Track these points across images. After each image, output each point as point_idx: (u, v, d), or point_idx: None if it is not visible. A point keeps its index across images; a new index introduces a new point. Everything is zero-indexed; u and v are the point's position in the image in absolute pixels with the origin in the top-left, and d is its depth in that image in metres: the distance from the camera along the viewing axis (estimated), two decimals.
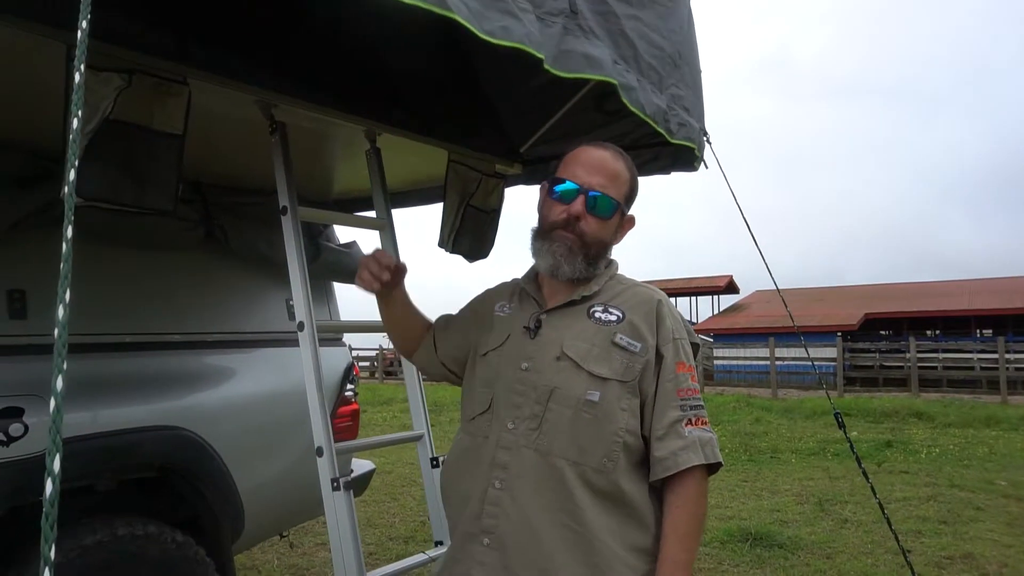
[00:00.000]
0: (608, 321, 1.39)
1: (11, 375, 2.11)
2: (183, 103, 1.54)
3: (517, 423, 1.34)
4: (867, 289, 26.26)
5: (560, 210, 1.39)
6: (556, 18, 1.54)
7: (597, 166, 1.40)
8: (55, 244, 2.44)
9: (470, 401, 1.45)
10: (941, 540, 4.79)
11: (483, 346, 1.47)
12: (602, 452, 1.31)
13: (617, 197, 1.40)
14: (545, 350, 1.36)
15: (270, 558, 4.35)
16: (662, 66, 2.00)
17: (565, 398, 1.32)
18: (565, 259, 1.37)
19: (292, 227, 1.85)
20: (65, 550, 2.06)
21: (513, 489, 1.30)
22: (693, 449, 1.32)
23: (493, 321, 1.49)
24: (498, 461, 1.33)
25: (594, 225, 1.38)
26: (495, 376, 1.40)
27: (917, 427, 10.37)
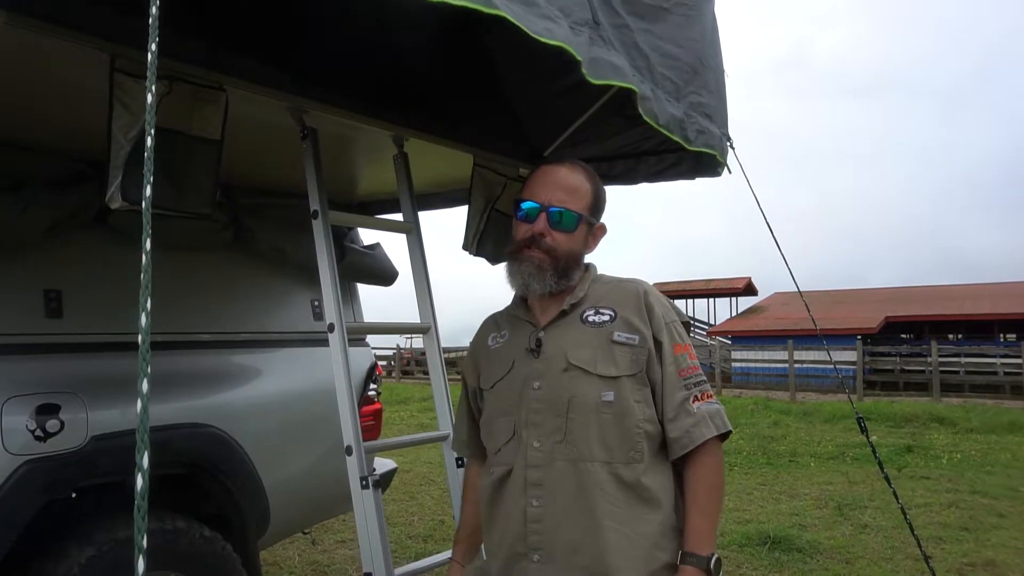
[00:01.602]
0: (602, 322, 1.43)
1: (48, 373, 2.17)
2: (220, 109, 1.59)
3: (542, 440, 1.38)
4: (888, 292, 25.96)
5: (525, 229, 1.45)
6: (583, 28, 1.59)
7: (555, 182, 1.45)
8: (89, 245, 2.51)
9: (492, 434, 1.49)
10: (963, 547, 4.74)
11: (488, 380, 1.51)
12: (628, 446, 1.36)
13: (579, 209, 1.45)
14: (552, 365, 1.41)
15: (291, 555, 4.41)
16: (679, 75, 2.03)
17: (583, 405, 1.37)
18: (533, 277, 1.42)
19: (323, 231, 1.89)
20: (98, 543, 2.12)
21: (552, 503, 1.35)
22: (704, 424, 1.39)
23: (490, 356, 1.54)
24: (531, 480, 1.37)
25: (560, 239, 1.43)
26: (511, 403, 1.44)
27: (938, 432, 10.25)
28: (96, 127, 1.56)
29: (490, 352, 1.55)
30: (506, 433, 1.44)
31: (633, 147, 2.69)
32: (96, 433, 2.16)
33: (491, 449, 1.49)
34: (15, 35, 1.35)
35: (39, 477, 2.03)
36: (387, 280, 3.36)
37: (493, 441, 1.48)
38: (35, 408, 2.06)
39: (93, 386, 2.21)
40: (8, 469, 1.98)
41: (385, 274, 3.34)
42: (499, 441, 1.45)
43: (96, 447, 2.16)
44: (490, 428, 1.50)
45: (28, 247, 2.22)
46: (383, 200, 3.28)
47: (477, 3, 1.20)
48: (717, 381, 19.14)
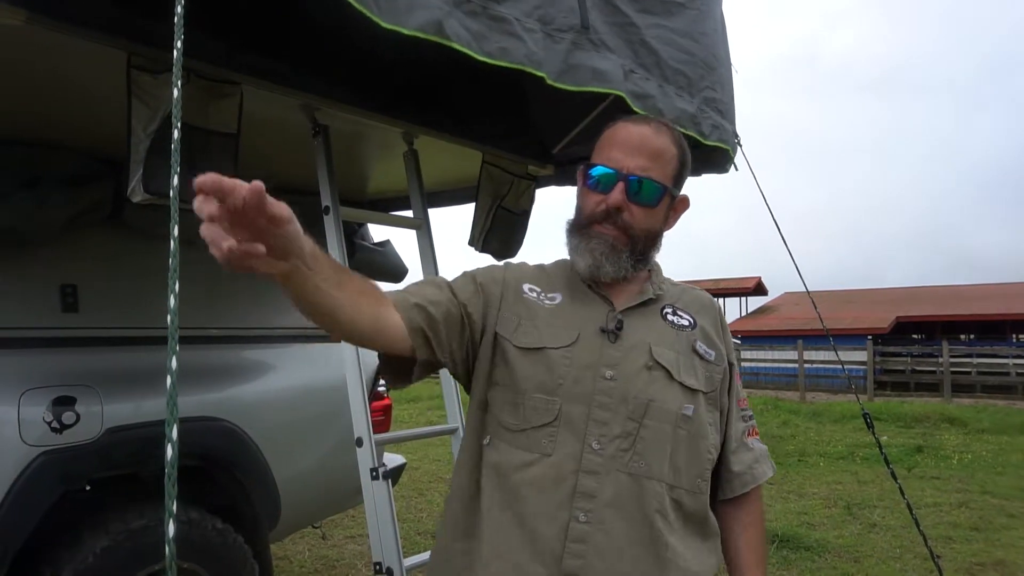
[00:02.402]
0: (682, 326, 1.25)
1: (64, 366, 2.20)
2: (236, 103, 1.61)
3: (604, 443, 1.12)
4: (899, 292, 25.80)
5: (597, 200, 1.20)
6: (565, 34, 1.60)
7: (637, 145, 1.20)
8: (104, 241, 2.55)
9: (516, 407, 1.16)
10: (972, 547, 4.72)
11: (528, 338, 1.19)
12: (696, 472, 1.18)
13: (663, 179, 1.20)
14: (631, 357, 1.17)
15: (301, 549, 4.45)
16: (693, 70, 2.03)
17: (663, 413, 1.15)
18: (607, 257, 1.19)
19: (334, 226, 1.91)
20: (113, 533, 2.16)
21: (604, 522, 1.09)
22: (763, 461, 1.29)
23: (530, 309, 1.23)
24: (582, 489, 1.10)
25: (639, 215, 1.19)
26: (565, 384, 1.15)
27: (949, 433, 10.19)
28: (112, 124, 1.60)
29: (529, 304, 1.23)
30: (544, 415, 1.14)
31: None
32: (111, 425, 2.20)
33: (508, 424, 1.16)
34: (33, 34, 1.38)
35: (55, 468, 2.07)
36: (397, 277, 3.39)
37: (516, 416, 1.16)
38: (52, 400, 2.10)
39: (108, 379, 2.25)
40: (25, 460, 2.01)
41: (395, 271, 3.37)
42: (529, 420, 1.14)
43: (111, 439, 2.19)
44: (516, 399, 1.16)
45: (45, 243, 2.25)
46: (393, 198, 3.31)
47: (428, 33, 1.24)
48: None
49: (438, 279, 1.26)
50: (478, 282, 1.24)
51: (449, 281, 1.25)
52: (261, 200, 0.74)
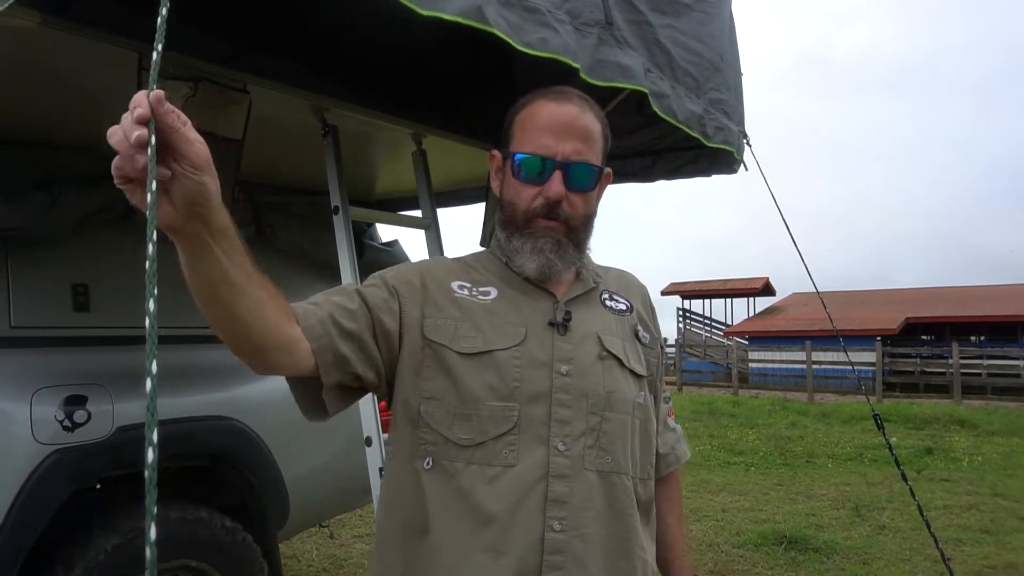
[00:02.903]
0: (621, 311, 1.20)
1: (76, 365, 2.22)
2: (244, 110, 1.63)
3: (569, 443, 1.05)
4: (909, 293, 25.66)
5: (533, 193, 1.10)
6: (592, 29, 1.60)
7: (566, 128, 1.09)
8: (116, 241, 2.57)
9: (465, 418, 1.04)
10: (983, 549, 4.70)
11: (471, 342, 1.07)
12: (647, 459, 1.16)
13: (596, 160, 1.12)
14: (584, 348, 1.10)
15: (309, 548, 4.47)
16: (700, 71, 2.03)
17: (622, 403, 1.11)
18: (556, 254, 1.11)
19: (344, 226, 1.92)
20: (123, 531, 2.17)
21: (580, 527, 1.03)
22: (682, 441, 1.31)
23: (466, 308, 1.11)
24: (554, 496, 1.02)
25: (578, 203, 1.11)
26: (518, 385, 1.05)
27: (959, 435, 10.13)
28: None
29: (462, 304, 1.11)
30: (502, 424, 1.04)
31: (650, 144, 2.71)
32: (121, 424, 2.21)
33: (462, 439, 1.04)
34: (47, 35, 1.39)
35: (67, 466, 2.08)
36: None
37: (470, 429, 1.04)
38: (63, 399, 2.11)
39: (119, 378, 2.26)
40: (37, 458, 2.03)
41: None
42: (486, 432, 1.03)
43: (121, 438, 2.21)
44: (466, 410, 1.05)
45: (57, 242, 2.27)
46: (401, 198, 3.32)
47: (470, 19, 1.22)
48: (734, 382, 19.04)
49: (347, 287, 1.12)
50: (390, 286, 1.11)
51: (359, 287, 1.11)
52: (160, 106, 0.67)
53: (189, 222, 0.77)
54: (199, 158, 0.73)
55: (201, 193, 0.75)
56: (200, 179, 0.74)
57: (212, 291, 0.85)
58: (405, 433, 1.09)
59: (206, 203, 0.76)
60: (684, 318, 27.09)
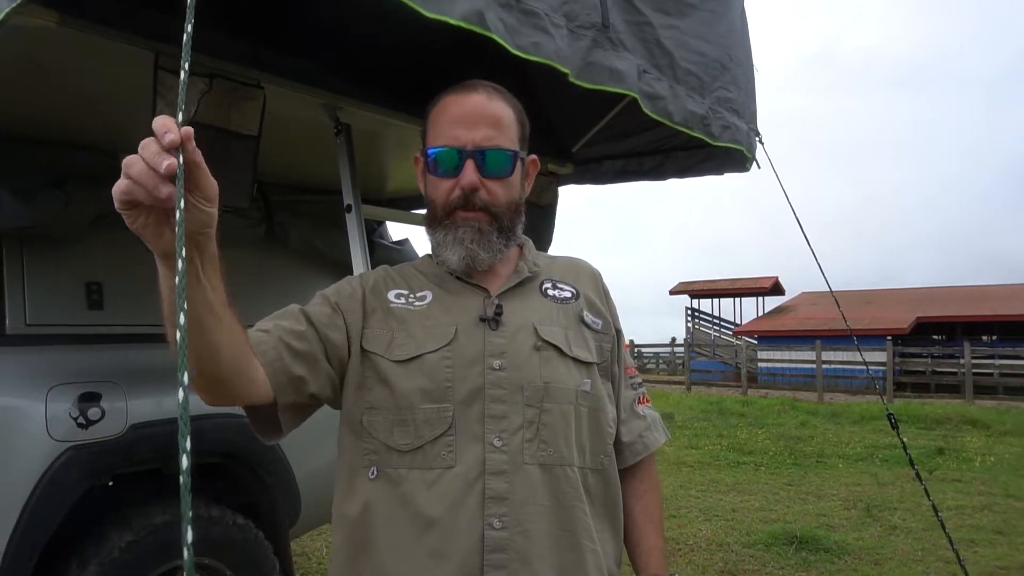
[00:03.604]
0: (565, 298, 1.19)
1: (90, 362, 2.24)
2: (258, 106, 1.63)
3: (506, 438, 1.04)
4: (919, 292, 25.51)
5: (450, 186, 1.10)
6: (587, 31, 1.61)
7: (474, 115, 1.11)
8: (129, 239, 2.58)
9: (402, 424, 1.05)
10: (996, 550, 4.66)
11: (404, 350, 1.08)
12: (600, 448, 1.13)
13: (510, 146, 1.12)
14: (518, 341, 1.09)
15: (319, 546, 4.48)
16: (705, 71, 2.03)
17: (561, 393, 1.09)
18: (478, 244, 1.10)
19: (356, 225, 1.93)
20: (136, 529, 2.19)
21: (522, 523, 1.01)
22: (655, 428, 1.25)
23: (399, 317, 1.12)
24: (492, 493, 1.01)
25: (496, 190, 1.11)
26: (450, 385, 1.05)
27: (971, 435, 10.07)
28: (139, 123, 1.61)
29: (399, 314, 1.12)
30: (437, 426, 1.04)
31: (661, 143, 2.70)
32: (135, 422, 2.23)
33: (401, 445, 1.05)
34: (64, 35, 1.40)
35: (81, 463, 2.10)
36: None
37: (407, 435, 1.04)
38: (78, 396, 2.13)
39: (132, 376, 2.28)
40: (52, 455, 2.05)
41: None
42: (422, 436, 1.04)
43: (135, 435, 2.22)
44: (402, 416, 1.05)
45: (71, 241, 2.29)
46: (413, 196, 3.32)
47: (471, 23, 1.26)
48: (743, 381, 18.98)
49: (292, 309, 1.12)
50: (332, 302, 1.13)
51: (304, 308, 1.12)
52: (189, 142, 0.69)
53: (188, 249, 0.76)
54: (212, 191, 0.76)
55: (207, 223, 0.77)
56: (210, 210, 0.77)
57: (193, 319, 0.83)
58: (348, 445, 1.10)
59: (208, 232, 0.78)
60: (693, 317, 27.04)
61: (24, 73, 1.71)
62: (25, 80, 1.77)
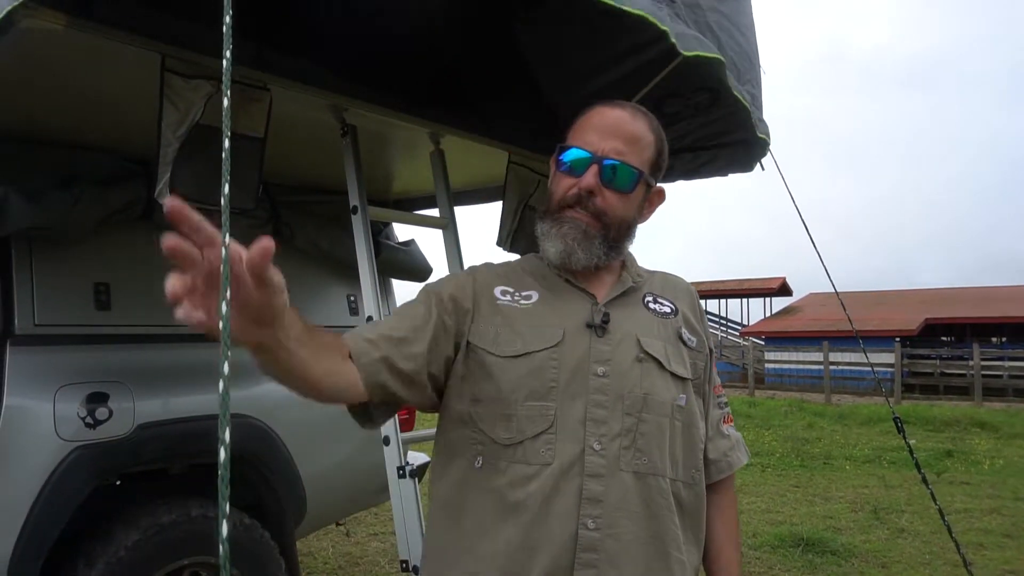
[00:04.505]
0: (665, 313, 1.22)
1: (97, 363, 2.25)
2: (264, 108, 1.64)
3: (605, 442, 1.07)
4: (928, 293, 25.36)
5: (569, 184, 1.16)
6: (662, 3, 1.57)
7: (612, 128, 1.16)
8: (136, 240, 2.59)
9: (506, 419, 1.09)
10: (1005, 553, 4.63)
11: (510, 346, 1.12)
12: (691, 463, 1.16)
13: (639, 165, 1.16)
14: (622, 350, 1.13)
15: (325, 546, 4.49)
16: (741, 61, 2.00)
17: (659, 405, 1.12)
18: (579, 243, 1.14)
19: (362, 226, 1.93)
20: (143, 527, 2.20)
21: (614, 527, 1.05)
22: (738, 448, 1.29)
23: (506, 314, 1.16)
24: (588, 494, 1.04)
25: (613, 200, 1.15)
26: (554, 385, 1.09)
27: (980, 437, 10.00)
28: (146, 125, 1.62)
29: (504, 311, 1.16)
30: (539, 423, 1.08)
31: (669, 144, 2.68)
32: (142, 422, 2.24)
33: (503, 439, 1.09)
34: (72, 37, 1.41)
35: (89, 463, 2.12)
36: (421, 276, 3.41)
37: (509, 429, 1.08)
38: (85, 396, 2.14)
39: (139, 376, 2.29)
40: (60, 454, 2.06)
41: (419, 270, 3.39)
42: (524, 431, 1.08)
43: (142, 435, 2.24)
44: (504, 411, 1.09)
45: (79, 242, 2.30)
46: (419, 197, 3.33)
47: None
48: (750, 382, 18.92)
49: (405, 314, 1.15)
50: (444, 297, 1.16)
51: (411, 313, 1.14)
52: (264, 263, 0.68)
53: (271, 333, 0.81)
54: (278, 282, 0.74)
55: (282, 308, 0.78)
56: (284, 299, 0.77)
57: (286, 378, 0.92)
58: (457, 432, 1.13)
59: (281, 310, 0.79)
60: None
61: (32, 75, 1.71)
62: (33, 82, 1.77)
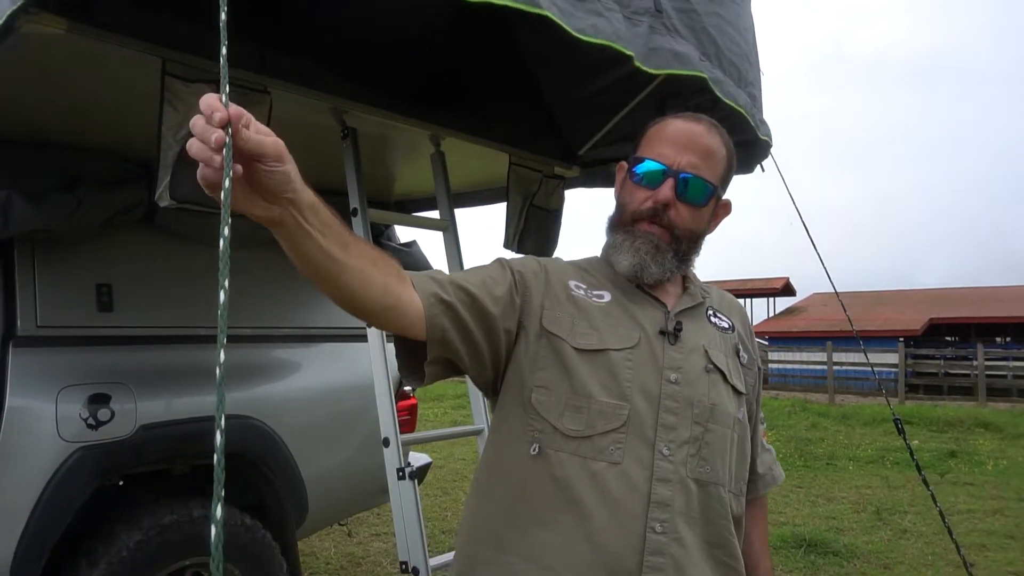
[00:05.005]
0: (724, 328, 1.24)
1: (99, 364, 2.26)
2: (265, 111, 1.64)
3: (673, 448, 1.08)
4: (933, 293, 25.29)
5: (644, 197, 1.16)
6: (642, 17, 1.58)
7: (688, 142, 1.15)
8: (138, 242, 2.60)
9: (576, 410, 1.08)
10: (1007, 555, 4.62)
11: (585, 338, 1.12)
12: (741, 476, 1.18)
13: (712, 179, 1.16)
14: (692, 360, 1.14)
15: (327, 546, 4.50)
16: (741, 63, 2.00)
17: (724, 416, 1.13)
18: (652, 257, 1.14)
19: (362, 228, 1.93)
20: (145, 528, 2.21)
21: (679, 532, 1.05)
22: (776, 463, 1.35)
23: (582, 307, 1.16)
24: (657, 498, 1.05)
25: (686, 214, 1.15)
26: (630, 385, 1.09)
27: (984, 437, 9.97)
28: (147, 128, 1.63)
29: (579, 303, 1.16)
30: (612, 420, 1.07)
31: None
32: (144, 423, 2.25)
33: (570, 430, 1.08)
34: (73, 42, 1.42)
35: (91, 463, 2.12)
36: None
37: (579, 421, 1.08)
38: (88, 398, 2.15)
39: (141, 377, 2.30)
40: (63, 456, 2.07)
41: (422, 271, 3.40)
42: (594, 426, 1.07)
43: (144, 436, 2.25)
44: (578, 403, 1.09)
45: (81, 243, 2.31)
46: (419, 199, 3.33)
47: (521, 3, 1.22)
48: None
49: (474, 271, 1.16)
50: (515, 272, 1.16)
51: (485, 273, 1.14)
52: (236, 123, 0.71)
53: (284, 210, 0.80)
54: (276, 150, 0.76)
55: (285, 181, 0.78)
56: (283, 169, 0.77)
57: (316, 268, 0.89)
58: (515, 417, 1.12)
59: (292, 187, 0.79)
60: None
61: (33, 78, 1.72)
62: (35, 85, 1.78)
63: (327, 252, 0.87)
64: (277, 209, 0.80)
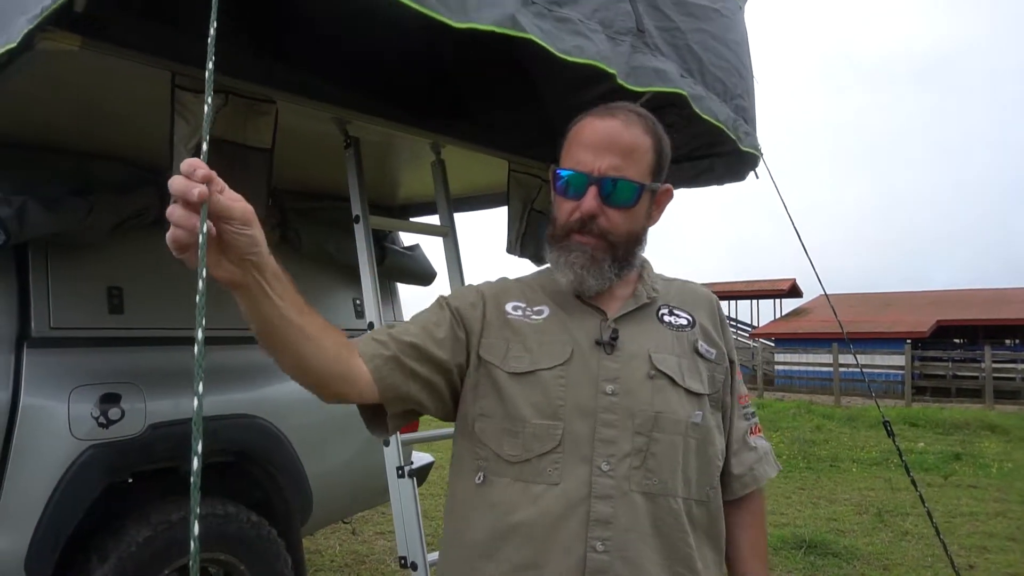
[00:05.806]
0: (681, 326, 1.18)
1: (111, 364, 2.32)
2: (271, 121, 1.70)
3: (614, 463, 1.05)
4: (940, 295, 25.18)
5: (571, 208, 1.11)
6: (624, 37, 1.63)
7: (606, 143, 1.10)
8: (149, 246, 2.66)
9: (512, 435, 1.07)
10: (1008, 557, 4.64)
11: (520, 362, 1.11)
12: (706, 480, 1.12)
13: (638, 177, 1.11)
14: (631, 367, 1.10)
15: (332, 544, 4.56)
16: (728, 77, 2.05)
17: (672, 423, 1.09)
18: (588, 271, 1.11)
19: (364, 235, 1.99)
20: (154, 524, 2.27)
21: (624, 549, 1.02)
22: (766, 461, 1.24)
23: (516, 330, 1.14)
24: (596, 516, 1.02)
25: (617, 219, 1.10)
26: (562, 403, 1.07)
27: (990, 440, 9.95)
28: (156, 136, 1.69)
29: (515, 326, 1.14)
30: (547, 442, 1.06)
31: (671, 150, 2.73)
32: (153, 422, 2.31)
33: (509, 456, 1.07)
34: (87, 57, 1.48)
35: (101, 461, 2.18)
36: (426, 280, 3.47)
37: (516, 446, 1.07)
38: (99, 397, 2.21)
39: (151, 377, 2.36)
40: (74, 453, 2.13)
41: (424, 274, 3.45)
42: (530, 449, 1.06)
43: (153, 435, 2.30)
44: (512, 427, 1.08)
45: (93, 247, 2.37)
46: (422, 203, 3.39)
47: (505, 27, 1.27)
48: (759, 384, 18.87)
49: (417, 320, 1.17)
50: (453, 308, 1.17)
51: (424, 319, 1.15)
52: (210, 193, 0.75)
53: (247, 273, 0.85)
54: (244, 215, 0.80)
55: (251, 244, 0.82)
56: (249, 232, 0.82)
57: (272, 333, 0.92)
58: (463, 448, 1.14)
59: (258, 251, 0.83)
60: None
61: (49, 91, 1.79)
62: (50, 97, 1.85)
63: (285, 316, 0.91)
64: (239, 272, 0.84)
